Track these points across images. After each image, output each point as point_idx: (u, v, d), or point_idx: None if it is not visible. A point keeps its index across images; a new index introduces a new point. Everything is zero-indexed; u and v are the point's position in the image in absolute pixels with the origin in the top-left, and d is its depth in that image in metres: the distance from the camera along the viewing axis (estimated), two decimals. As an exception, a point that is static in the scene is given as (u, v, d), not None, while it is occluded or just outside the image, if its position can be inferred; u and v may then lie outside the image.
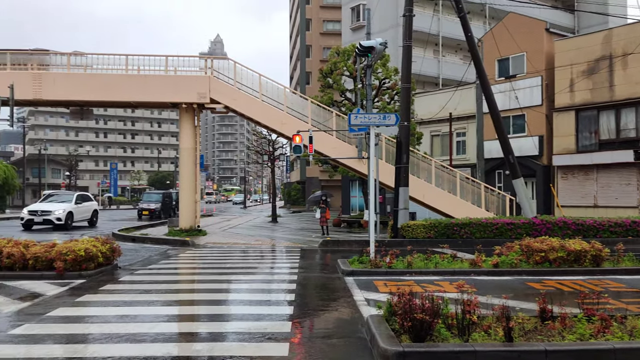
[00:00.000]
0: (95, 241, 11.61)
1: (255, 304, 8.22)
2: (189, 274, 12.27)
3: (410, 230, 17.38)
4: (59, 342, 6.14)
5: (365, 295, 8.95)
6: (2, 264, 10.69)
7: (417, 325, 5.55)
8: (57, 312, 7.62)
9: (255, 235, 21.89)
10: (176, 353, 5.71)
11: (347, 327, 6.90)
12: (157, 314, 7.49)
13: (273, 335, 6.40)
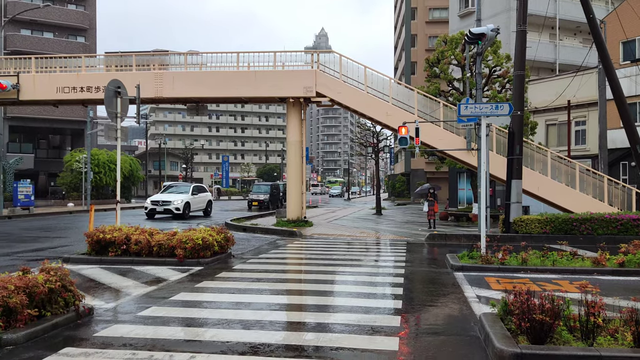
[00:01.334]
0: (211, 230, 12.26)
1: (363, 297, 8.25)
2: (297, 264, 12.59)
3: (523, 225, 16.54)
4: (182, 324, 6.56)
5: (476, 291, 8.65)
6: (130, 250, 11.63)
7: (536, 327, 5.26)
8: (179, 296, 8.15)
9: (360, 227, 21.98)
10: (288, 341, 5.87)
11: (458, 324, 6.71)
12: (268, 302, 7.76)
13: (382, 328, 6.38)
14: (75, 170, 40.03)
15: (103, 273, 10.27)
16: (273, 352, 5.45)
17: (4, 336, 5.59)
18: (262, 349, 5.52)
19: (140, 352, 5.40)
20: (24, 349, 5.51)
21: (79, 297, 6.91)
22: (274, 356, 5.31)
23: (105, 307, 7.44)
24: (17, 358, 5.22)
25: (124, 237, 11.71)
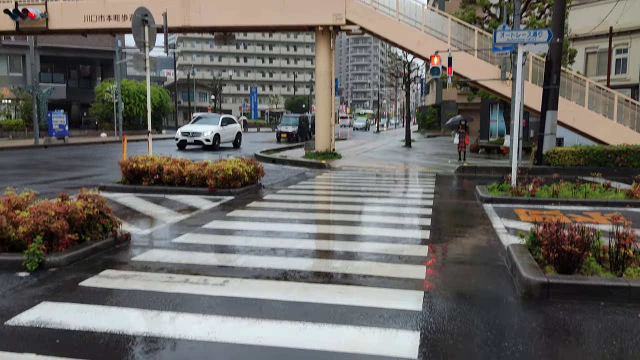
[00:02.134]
0: (241, 161, 12.39)
1: (391, 227, 8.34)
2: (326, 195, 12.72)
3: (556, 157, 16.24)
4: (214, 251, 6.78)
5: (505, 223, 8.65)
6: (163, 180, 11.89)
7: (564, 257, 5.27)
8: (211, 224, 8.38)
9: (388, 160, 21.91)
10: (317, 268, 6.03)
11: (485, 255, 6.76)
12: (297, 231, 7.92)
13: (409, 257, 6.48)
14: (107, 101, 40.52)
15: (138, 201, 10.57)
16: (302, 278, 5.62)
17: (47, 259, 5.88)
18: (292, 275, 5.69)
19: (177, 275, 5.63)
20: (66, 271, 5.81)
21: (116, 223, 7.16)
22: (303, 282, 5.48)
23: (141, 234, 7.71)
24: (60, 279, 5.51)
25: (156, 167, 11.95)
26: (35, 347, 3.88)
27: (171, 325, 4.31)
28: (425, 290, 5.25)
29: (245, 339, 4.04)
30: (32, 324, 4.33)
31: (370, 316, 4.52)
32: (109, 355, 3.76)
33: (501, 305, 4.87)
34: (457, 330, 4.27)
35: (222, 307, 4.71)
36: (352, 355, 3.78)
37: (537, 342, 4.07)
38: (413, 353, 3.83)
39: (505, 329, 4.31)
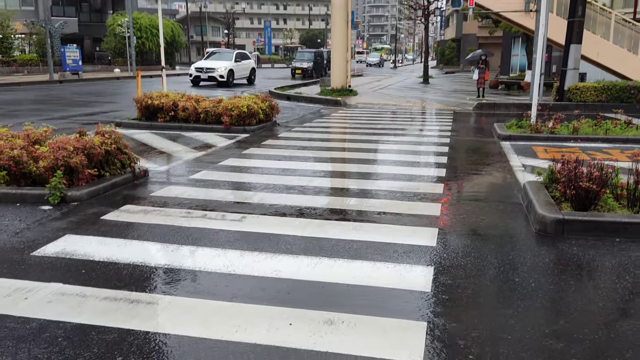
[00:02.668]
0: (256, 98, 12.30)
1: (406, 165, 8.33)
2: (341, 133, 12.66)
3: (578, 93, 15.87)
4: (231, 188, 6.87)
5: (522, 161, 8.59)
6: (178, 117, 11.90)
7: (581, 194, 5.25)
8: (228, 162, 8.44)
9: (405, 97, 21.60)
10: (332, 206, 6.09)
11: (501, 192, 6.76)
12: (313, 169, 7.96)
13: (425, 195, 6.51)
14: (119, 35, 39.98)
15: (154, 138, 10.64)
16: (318, 214, 5.69)
17: (68, 193, 6.01)
18: (308, 212, 5.76)
19: (195, 211, 5.74)
20: (87, 205, 5.94)
21: (133, 159, 7.25)
22: (319, 218, 5.55)
23: (158, 170, 7.81)
24: (82, 213, 5.65)
25: (171, 103, 11.93)
26: (62, 277, 4.03)
27: (191, 259, 4.43)
28: (439, 226, 5.30)
29: (262, 272, 4.15)
30: (57, 255, 4.49)
31: (385, 251, 4.60)
32: (132, 286, 3.90)
33: (515, 242, 4.92)
34: (471, 265, 4.34)
35: (240, 242, 4.82)
36: (366, 288, 3.88)
37: (549, 277, 4.13)
38: (426, 287, 3.92)
39: (518, 264, 4.37)
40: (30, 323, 3.36)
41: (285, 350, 3.07)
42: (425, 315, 3.50)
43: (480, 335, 3.26)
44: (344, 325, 3.33)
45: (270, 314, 3.49)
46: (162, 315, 3.48)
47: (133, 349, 3.09)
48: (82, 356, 3.00)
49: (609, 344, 3.18)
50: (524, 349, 3.10)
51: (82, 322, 3.37)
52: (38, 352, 3.05)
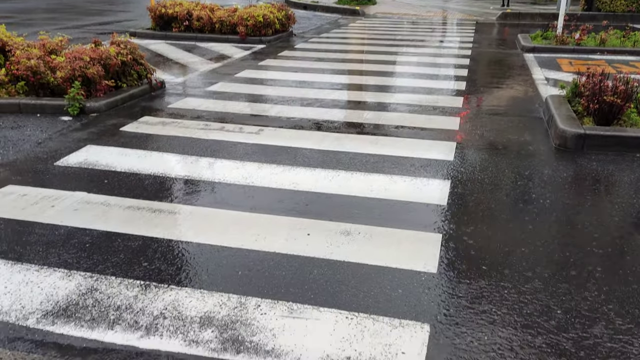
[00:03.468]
0: (272, 7, 11.90)
1: (425, 78, 8.14)
2: (359, 44, 12.31)
3: (607, 2, 15.09)
4: (248, 100, 6.82)
5: (545, 73, 8.34)
6: (193, 26, 11.62)
7: (604, 108, 5.13)
8: (244, 73, 8.32)
9: (426, 6, 20.73)
10: (349, 119, 6.04)
11: (522, 106, 6.63)
12: (330, 82, 7.83)
13: (443, 109, 6.41)
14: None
15: (169, 48, 10.46)
16: (335, 128, 5.67)
17: (87, 104, 6.03)
18: (325, 125, 5.74)
19: (212, 123, 5.75)
20: (106, 116, 5.98)
21: (150, 70, 7.18)
22: (336, 132, 5.54)
23: (175, 82, 7.75)
24: (101, 124, 5.69)
25: (185, 12, 11.61)
26: (86, 187, 4.14)
27: (210, 170, 4.50)
28: (457, 141, 5.27)
29: (280, 184, 4.22)
30: (80, 165, 4.58)
31: (402, 165, 4.61)
32: (154, 195, 4.00)
33: (534, 157, 4.88)
34: (488, 179, 4.35)
35: (257, 155, 4.86)
36: (382, 201, 3.94)
37: (566, 192, 4.14)
38: (442, 200, 3.96)
39: (535, 179, 4.37)
40: (59, 230, 3.50)
41: (302, 258, 3.18)
42: (441, 227, 3.56)
43: (494, 247, 3.33)
44: (360, 236, 3.42)
45: (288, 224, 3.57)
46: (184, 225, 3.59)
47: (157, 255, 3.22)
48: (109, 261, 3.15)
49: (623, 257, 3.24)
50: (537, 261, 3.17)
51: (108, 229, 3.50)
52: (67, 257, 3.20)
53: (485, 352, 2.43)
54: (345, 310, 2.71)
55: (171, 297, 2.81)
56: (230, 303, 2.76)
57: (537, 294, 2.85)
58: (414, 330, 2.56)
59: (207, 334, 2.52)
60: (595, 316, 2.68)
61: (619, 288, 2.91)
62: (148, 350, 2.43)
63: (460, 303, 2.78)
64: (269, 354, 2.40)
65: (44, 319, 2.64)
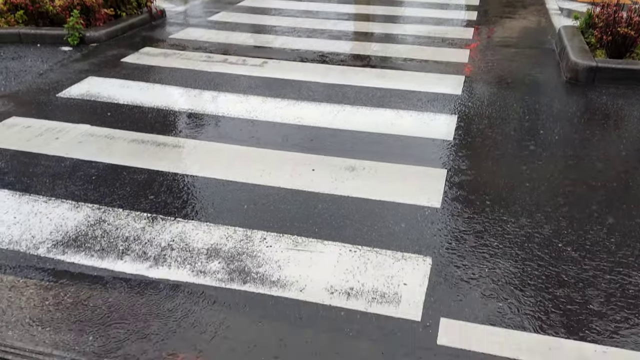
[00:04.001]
0: None
1: (435, 7, 7.88)
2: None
3: None
4: (251, 31, 6.64)
5: (559, 3, 8.05)
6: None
7: (618, 40, 4.98)
8: (247, 2, 8.06)
9: None
10: (356, 51, 5.90)
11: (534, 37, 6.44)
12: (336, 11, 7.59)
13: (453, 40, 6.24)
14: None
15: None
16: (341, 60, 5.55)
17: (87, 33, 5.90)
18: (330, 58, 5.62)
19: (215, 55, 5.63)
20: (106, 46, 5.86)
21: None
22: (341, 64, 5.42)
23: (175, 10, 7.53)
24: (102, 55, 5.59)
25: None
26: (89, 119, 4.12)
27: (213, 104, 4.45)
28: (466, 74, 5.16)
29: (285, 118, 4.18)
30: (82, 96, 4.53)
31: (408, 100, 4.55)
32: (158, 129, 3.98)
33: (543, 90, 4.80)
34: (495, 114, 4.29)
35: (261, 88, 4.79)
36: (388, 136, 3.91)
37: (575, 127, 4.09)
38: (449, 135, 3.93)
39: (544, 113, 4.31)
40: (64, 162, 3.51)
41: (307, 193, 3.19)
42: (446, 163, 3.55)
43: (498, 182, 3.34)
44: (364, 172, 3.42)
45: (293, 159, 3.57)
46: (189, 158, 3.59)
47: (163, 188, 3.24)
48: (116, 194, 3.18)
49: (628, 192, 3.24)
50: (541, 196, 3.18)
51: (113, 162, 3.51)
52: (74, 189, 3.22)
53: (485, 284, 2.48)
54: (349, 243, 2.75)
55: (178, 230, 2.85)
56: (237, 236, 2.80)
57: (540, 228, 2.88)
58: (416, 262, 2.61)
59: (214, 265, 2.58)
60: (596, 249, 2.71)
61: (622, 222, 2.94)
62: (157, 280, 2.50)
63: (462, 237, 2.81)
64: (275, 285, 2.46)
65: (55, 248, 2.70)
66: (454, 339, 2.18)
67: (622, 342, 2.18)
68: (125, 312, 2.31)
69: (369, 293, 2.42)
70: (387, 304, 2.35)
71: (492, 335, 2.21)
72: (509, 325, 2.26)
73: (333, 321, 2.28)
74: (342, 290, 2.43)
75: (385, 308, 2.34)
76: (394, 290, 2.43)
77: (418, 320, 2.28)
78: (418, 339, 2.19)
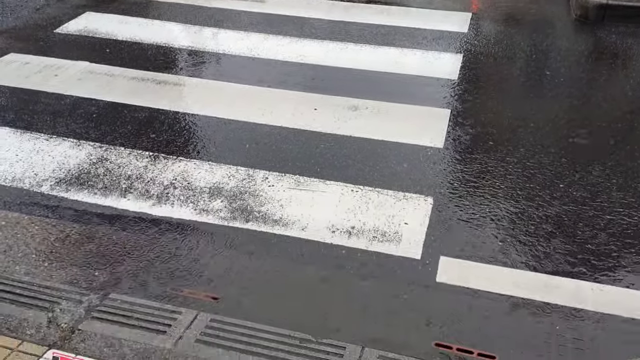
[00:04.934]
0: None
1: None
2: None
3: None
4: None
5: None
6: None
7: (632, -22, 4.80)
8: None
9: None
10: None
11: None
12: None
13: None
14: None
15: None
16: None
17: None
18: None
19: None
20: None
21: None
22: (345, 1, 5.25)
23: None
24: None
25: None
26: (88, 56, 4.04)
27: (214, 41, 4.35)
28: (473, 11, 5.01)
29: (287, 56, 4.09)
30: (80, 33, 4.43)
31: (413, 37, 4.44)
32: (158, 66, 3.91)
33: (551, 29, 4.67)
34: (502, 53, 4.20)
35: (263, 25, 4.67)
36: (392, 75, 3.84)
37: (582, 66, 4.02)
38: (453, 74, 3.85)
39: (551, 52, 4.22)
40: (64, 99, 3.48)
41: (309, 133, 3.18)
42: (450, 103, 3.51)
43: (502, 122, 3.31)
44: (367, 111, 3.38)
45: (295, 98, 3.53)
46: (190, 97, 3.55)
47: (164, 127, 3.22)
48: (117, 132, 3.16)
49: (632, 132, 3.22)
50: (545, 136, 3.16)
51: (113, 100, 3.47)
52: (75, 126, 3.21)
53: (485, 223, 2.51)
54: (351, 183, 2.76)
55: (180, 168, 2.86)
56: (239, 175, 2.81)
57: (542, 168, 2.88)
58: (417, 202, 2.62)
59: (216, 204, 2.60)
60: (597, 190, 2.72)
61: (624, 163, 2.93)
62: (160, 218, 2.52)
63: (464, 177, 2.82)
64: (277, 223, 2.49)
65: (58, 186, 2.72)
66: (452, 277, 2.23)
67: (618, 281, 2.23)
68: (129, 249, 2.35)
69: (370, 232, 2.45)
70: (388, 243, 2.39)
71: (491, 273, 2.25)
72: (507, 263, 2.30)
73: (334, 259, 2.32)
74: (344, 229, 2.46)
75: (386, 246, 2.37)
76: (395, 229, 2.46)
77: (418, 258, 2.32)
78: (418, 277, 2.23)
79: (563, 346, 1.94)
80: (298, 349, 1.87)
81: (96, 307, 2.01)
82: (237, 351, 1.85)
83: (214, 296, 2.13)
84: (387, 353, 1.86)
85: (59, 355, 1.81)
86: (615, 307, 2.10)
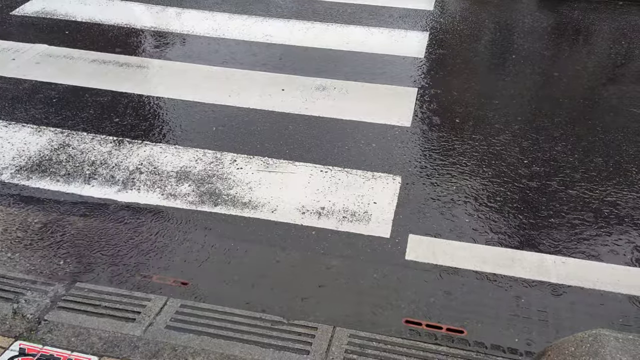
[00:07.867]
0: None
1: None
2: None
3: None
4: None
5: None
6: None
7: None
8: None
9: None
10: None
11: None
12: None
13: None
14: None
15: None
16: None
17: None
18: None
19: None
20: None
21: None
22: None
23: None
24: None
25: None
26: (46, 38, 3.90)
27: (178, 21, 4.25)
28: (439, -12, 5.01)
29: (253, 36, 4.03)
30: (37, 14, 4.27)
31: (380, 16, 4.42)
32: (120, 48, 3.81)
33: (516, 6, 4.70)
34: (467, 31, 4.22)
35: (228, 4, 4.57)
36: (359, 54, 3.83)
37: (545, 43, 4.06)
38: (420, 53, 3.86)
39: (515, 29, 4.26)
40: (23, 84, 3.36)
41: (278, 114, 3.15)
42: (417, 81, 3.52)
43: (468, 100, 3.34)
44: (335, 92, 3.37)
45: (262, 79, 3.49)
46: (154, 79, 3.48)
47: (129, 111, 3.15)
48: (79, 117, 3.08)
49: (593, 108, 3.28)
50: (509, 113, 3.20)
51: (74, 84, 3.37)
52: (35, 112, 3.11)
53: (453, 201, 2.54)
54: (320, 164, 2.75)
55: (146, 153, 2.81)
56: (206, 158, 2.78)
57: (507, 145, 2.92)
58: (385, 181, 2.64)
59: (184, 188, 2.57)
60: (560, 165, 2.78)
61: (585, 138, 3.00)
62: (127, 204, 2.48)
63: (432, 155, 2.84)
64: (246, 206, 2.48)
65: (18, 174, 2.64)
66: (421, 254, 2.26)
67: (578, 253, 2.29)
68: (95, 237, 2.31)
69: (339, 212, 2.46)
70: (358, 222, 2.40)
71: (459, 249, 2.29)
72: (474, 239, 2.35)
73: (305, 240, 2.32)
74: (314, 210, 2.47)
75: (356, 226, 2.39)
76: (364, 209, 2.47)
77: (387, 237, 2.34)
78: (387, 255, 2.26)
79: (528, 318, 2.00)
80: (270, 331, 1.88)
81: (62, 297, 1.98)
82: (208, 336, 1.85)
83: (184, 281, 2.11)
84: (358, 332, 1.89)
85: (26, 346, 1.78)
86: (577, 278, 2.16)
